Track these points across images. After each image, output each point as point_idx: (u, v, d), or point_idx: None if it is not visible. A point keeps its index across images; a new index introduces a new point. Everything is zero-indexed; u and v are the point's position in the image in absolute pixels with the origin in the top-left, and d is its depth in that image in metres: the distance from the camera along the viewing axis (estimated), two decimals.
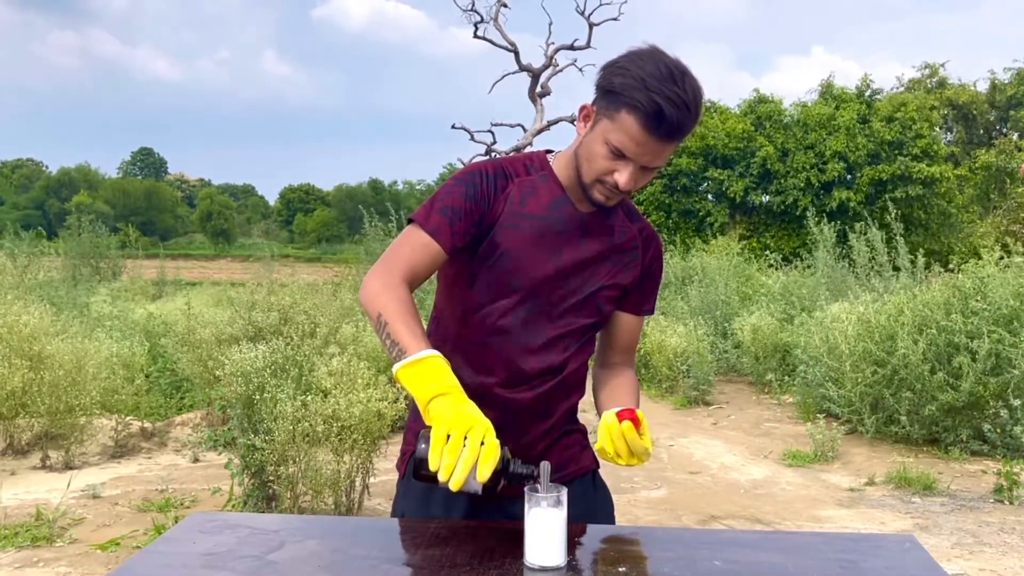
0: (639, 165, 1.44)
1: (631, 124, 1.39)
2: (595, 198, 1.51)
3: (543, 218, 1.54)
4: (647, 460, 1.49)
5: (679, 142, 1.46)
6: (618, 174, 1.44)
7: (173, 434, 6.33)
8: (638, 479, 5.34)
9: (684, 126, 1.40)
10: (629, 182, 1.45)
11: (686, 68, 1.41)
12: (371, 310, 1.40)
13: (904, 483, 5.05)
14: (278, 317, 6.11)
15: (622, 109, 1.40)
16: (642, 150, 1.41)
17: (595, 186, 1.49)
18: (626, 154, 1.42)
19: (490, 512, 1.59)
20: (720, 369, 9.09)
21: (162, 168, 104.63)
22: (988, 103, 28.54)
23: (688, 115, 1.39)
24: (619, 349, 1.69)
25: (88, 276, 15.42)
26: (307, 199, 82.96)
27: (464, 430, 1.23)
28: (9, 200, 77.06)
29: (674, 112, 1.37)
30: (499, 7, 18.82)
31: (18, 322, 5.56)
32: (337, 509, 4.11)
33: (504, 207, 1.53)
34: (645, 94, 1.36)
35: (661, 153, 1.43)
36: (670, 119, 1.37)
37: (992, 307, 5.73)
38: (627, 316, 1.67)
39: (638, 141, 1.40)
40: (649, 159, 1.43)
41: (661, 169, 1.85)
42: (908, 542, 1.42)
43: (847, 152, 21.75)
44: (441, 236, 1.47)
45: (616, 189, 1.46)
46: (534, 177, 1.57)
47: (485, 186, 1.53)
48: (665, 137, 1.40)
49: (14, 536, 3.98)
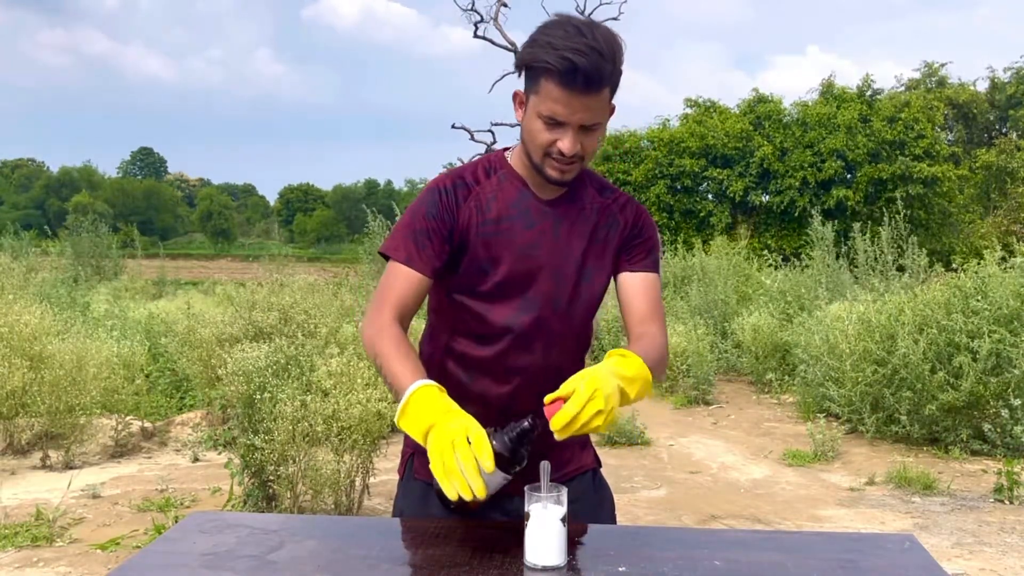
0: (576, 126, 1.43)
1: (552, 88, 1.40)
2: (551, 176, 1.49)
3: (511, 219, 1.54)
4: (608, 419, 1.30)
5: (606, 90, 1.43)
6: (560, 142, 1.44)
7: (173, 434, 6.33)
8: (638, 479, 5.34)
9: (601, 72, 1.38)
10: (573, 145, 1.44)
11: (593, 21, 1.42)
12: (371, 356, 1.48)
13: (904, 483, 5.05)
14: (278, 317, 6.11)
15: (540, 78, 1.41)
16: (571, 110, 1.41)
17: (546, 163, 1.48)
18: (559, 119, 1.42)
19: (490, 512, 1.59)
20: (720, 369, 9.08)
21: (162, 168, 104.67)
22: (988, 102, 28.51)
23: (602, 60, 1.38)
24: (636, 318, 1.58)
25: (88, 276, 15.41)
26: (306, 199, 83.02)
27: (451, 448, 1.24)
28: (9, 200, 77.09)
29: (585, 61, 1.36)
30: (499, 7, 18.81)
31: (19, 322, 5.56)
32: (337, 509, 4.11)
33: (472, 218, 1.54)
34: (554, 54, 1.37)
35: (592, 108, 1.42)
36: (583, 69, 1.36)
37: (993, 307, 5.73)
38: (627, 277, 1.61)
39: (564, 102, 1.40)
40: (582, 117, 1.42)
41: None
42: (908, 542, 1.42)
43: (846, 151, 21.74)
44: (415, 263, 1.50)
45: (563, 157, 1.45)
46: (494, 179, 1.58)
47: (446, 200, 1.54)
48: (585, 88, 1.39)
49: (14, 536, 3.98)
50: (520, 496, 1.31)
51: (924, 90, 27.27)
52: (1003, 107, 28.34)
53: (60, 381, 5.34)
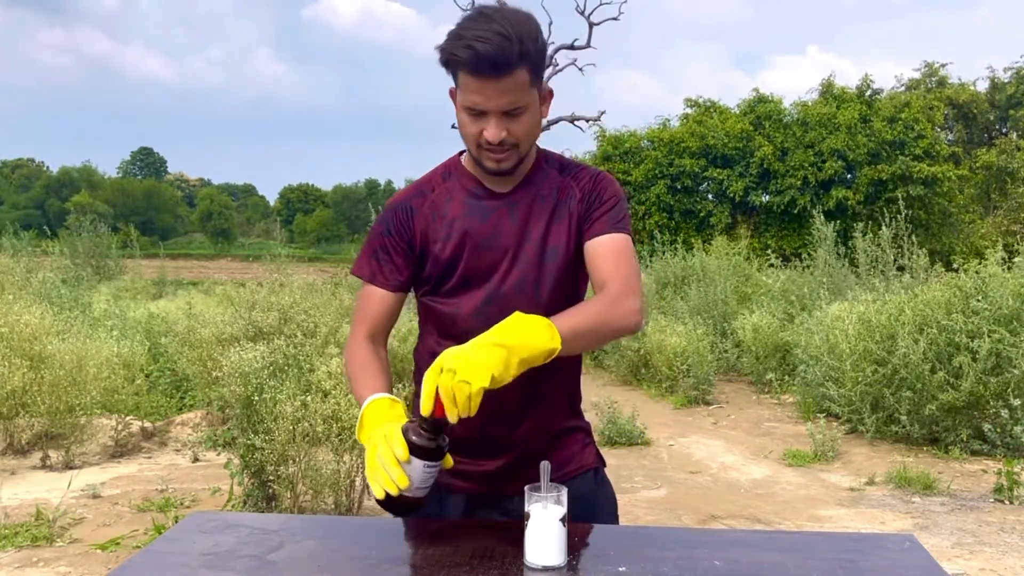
0: (497, 113, 1.43)
1: (466, 78, 1.41)
2: (489, 167, 1.50)
3: (465, 216, 1.56)
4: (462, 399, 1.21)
5: (520, 72, 1.40)
6: (485, 131, 1.44)
7: (173, 434, 6.33)
8: (638, 479, 5.34)
9: (507, 55, 1.37)
10: (497, 132, 1.44)
11: (503, 6, 1.42)
12: (345, 373, 1.54)
13: (904, 483, 5.05)
14: (278, 317, 6.11)
15: (457, 71, 1.42)
16: (486, 97, 1.41)
17: (481, 155, 1.48)
18: (479, 108, 1.43)
19: (489, 512, 1.59)
20: (720, 369, 9.08)
21: (162, 168, 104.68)
22: (988, 102, 28.51)
23: (507, 42, 1.37)
24: (598, 284, 1.52)
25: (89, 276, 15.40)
26: (306, 199, 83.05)
27: (374, 448, 1.31)
28: (9, 200, 77.09)
29: (487, 46, 1.36)
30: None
31: (19, 322, 5.56)
32: (337, 509, 4.11)
33: (428, 225, 1.57)
34: (460, 45, 1.38)
35: (509, 91, 1.41)
36: (488, 55, 1.36)
37: (993, 307, 5.73)
38: (589, 245, 1.53)
39: (478, 90, 1.41)
40: (499, 103, 1.41)
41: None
42: (908, 542, 1.42)
43: (846, 151, 21.74)
44: (378, 279, 1.59)
45: (492, 145, 1.45)
46: (449, 182, 1.60)
47: (400, 215, 1.58)
48: (494, 72, 1.38)
49: (14, 536, 3.98)
50: (520, 496, 1.31)
51: (924, 90, 27.28)
52: (1003, 107, 28.34)
53: (60, 381, 5.34)
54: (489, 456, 1.59)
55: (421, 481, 1.30)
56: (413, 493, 1.30)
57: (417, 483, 1.29)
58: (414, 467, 1.28)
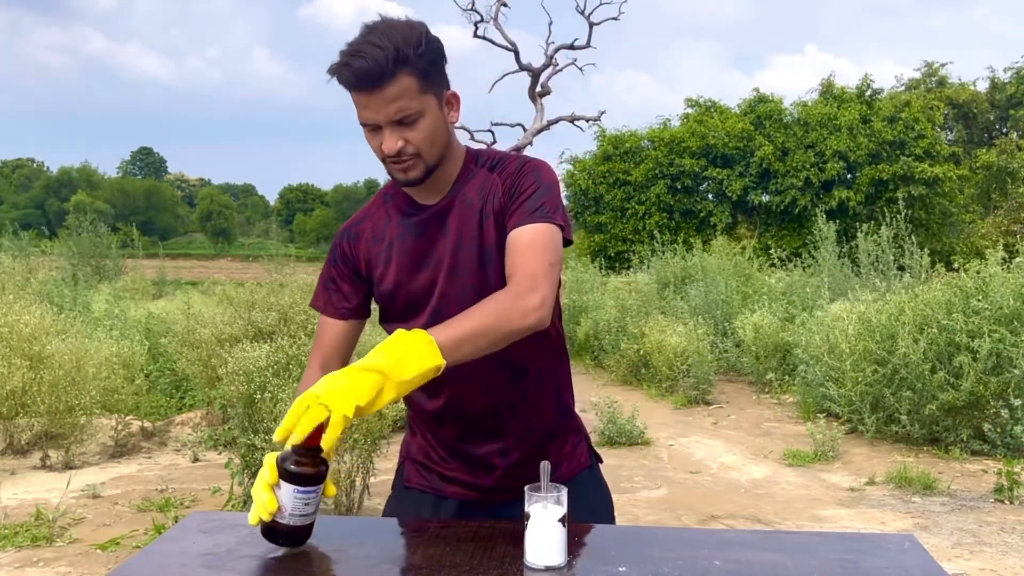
0: (389, 124, 1.41)
1: (353, 96, 1.41)
2: (398, 179, 1.48)
3: (401, 236, 1.54)
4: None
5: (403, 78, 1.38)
6: (382, 144, 1.43)
7: (173, 434, 6.33)
8: (638, 479, 5.34)
9: (379, 65, 1.35)
10: (390, 143, 1.42)
11: (379, 20, 1.41)
12: None
13: (904, 483, 5.05)
14: (277, 317, 6.11)
15: (348, 90, 1.41)
16: (372, 111, 1.40)
17: (388, 167, 1.47)
18: (370, 122, 1.42)
19: (487, 512, 1.58)
20: (720, 369, 9.08)
21: (162, 168, 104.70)
22: (988, 102, 28.50)
23: (379, 52, 1.35)
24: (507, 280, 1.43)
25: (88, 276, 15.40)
26: (306, 199, 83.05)
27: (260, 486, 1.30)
28: (9, 200, 77.10)
29: (360, 61, 1.35)
30: (499, 6, 18.81)
31: (18, 322, 5.56)
32: (337, 509, 4.11)
33: (369, 250, 1.56)
34: (339, 63, 1.38)
35: (389, 101, 1.38)
36: (359, 69, 1.36)
37: (993, 306, 5.73)
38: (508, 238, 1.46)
39: (363, 104, 1.40)
40: (387, 113, 1.39)
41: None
42: (908, 542, 1.42)
43: (848, 152, 21.74)
44: (328, 310, 1.61)
45: (392, 156, 1.43)
46: (387, 204, 1.59)
47: (345, 244, 1.59)
48: (370, 86, 1.37)
49: (14, 536, 3.98)
50: (512, 503, 1.31)
51: (924, 90, 27.27)
52: (1003, 107, 28.34)
53: (60, 381, 5.34)
54: (480, 468, 1.59)
55: (293, 507, 1.27)
56: (287, 520, 1.28)
57: (289, 509, 1.27)
58: (284, 492, 1.27)
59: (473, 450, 1.58)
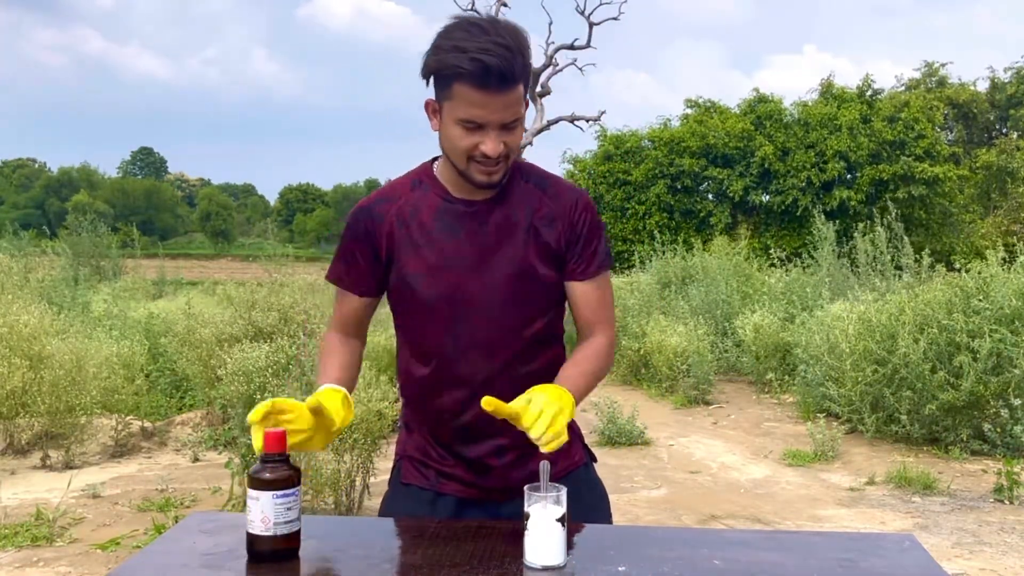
0: (496, 127, 1.41)
1: (467, 91, 1.38)
2: (478, 180, 1.47)
3: (433, 231, 1.52)
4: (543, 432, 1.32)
5: (520, 85, 1.41)
6: (483, 145, 1.42)
7: (173, 434, 6.33)
8: (638, 479, 5.34)
9: (513, 68, 1.37)
10: (496, 146, 1.42)
11: (493, 18, 1.42)
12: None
13: (904, 483, 5.05)
14: (277, 317, 6.11)
15: (453, 83, 1.39)
16: (489, 111, 1.39)
17: (471, 167, 1.45)
18: (478, 121, 1.40)
19: (480, 515, 1.58)
20: (720, 368, 9.08)
21: (162, 168, 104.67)
22: (988, 102, 28.48)
23: (511, 55, 1.36)
24: (583, 324, 1.59)
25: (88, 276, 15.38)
26: (306, 199, 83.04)
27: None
28: (9, 200, 77.08)
29: (496, 60, 1.35)
30: (499, 6, 18.81)
31: (18, 322, 5.56)
32: (337, 509, 4.11)
33: (394, 232, 1.54)
34: (464, 57, 1.36)
35: (508, 105, 1.40)
36: (496, 68, 1.35)
37: (994, 306, 5.73)
38: (575, 286, 1.57)
39: (481, 103, 1.38)
40: (501, 116, 1.40)
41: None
42: (908, 541, 1.42)
43: (848, 152, 21.73)
44: (343, 283, 1.61)
45: (488, 159, 1.43)
46: (417, 192, 1.56)
47: (366, 221, 1.56)
48: (501, 87, 1.38)
49: (14, 536, 3.98)
50: (510, 501, 1.31)
51: (924, 90, 27.26)
52: (1003, 107, 28.32)
53: (60, 381, 5.34)
54: (477, 467, 1.58)
55: (277, 515, 1.28)
56: (273, 531, 1.28)
57: (273, 518, 1.28)
58: (264, 503, 1.28)
59: (470, 450, 1.58)
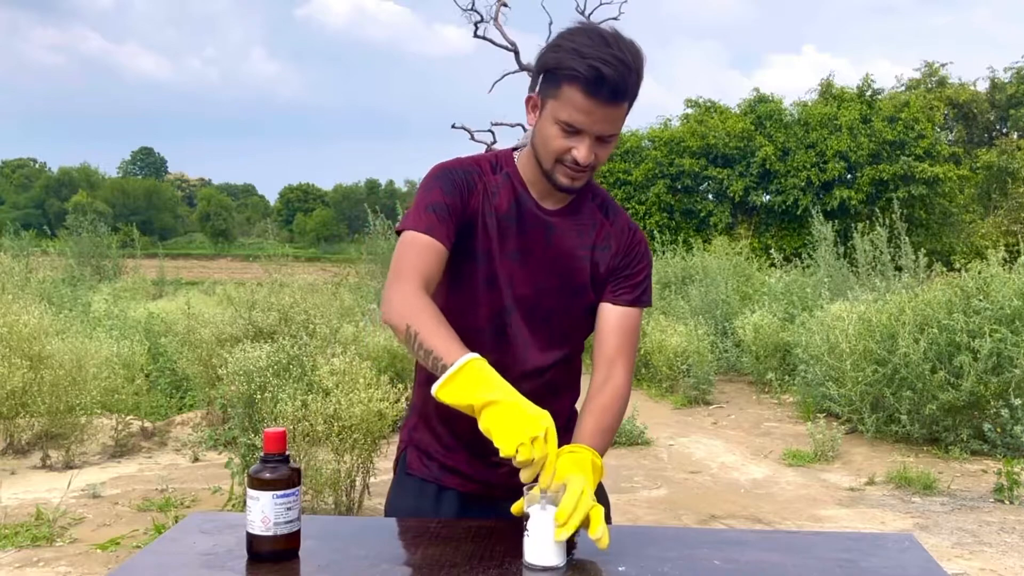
0: (594, 136, 1.41)
1: (575, 95, 1.38)
2: (560, 183, 1.47)
3: (505, 219, 1.52)
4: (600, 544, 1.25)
5: (627, 104, 1.42)
6: (575, 150, 1.42)
7: (173, 434, 6.33)
8: (638, 479, 5.34)
9: (627, 85, 1.38)
10: (588, 155, 1.41)
11: (618, 32, 1.41)
12: (398, 324, 1.34)
13: (904, 483, 5.05)
14: (278, 317, 6.11)
15: (563, 84, 1.38)
16: (592, 119, 1.39)
17: (556, 169, 1.45)
18: (577, 127, 1.40)
19: (486, 512, 1.58)
20: (720, 368, 9.08)
21: (162, 168, 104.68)
22: (988, 102, 28.48)
23: (628, 72, 1.37)
24: (605, 354, 1.55)
25: (88, 276, 15.39)
26: (306, 199, 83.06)
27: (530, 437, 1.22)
28: (9, 200, 77.10)
29: (612, 72, 1.35)
30: (499, 6, 18.81)
31: (18, 322, 5.56)
32: (337, 509, 4.11)
33: (479, 206, 1.52)
34: (581, 62, 1.35)
35: (612, 119, 1.41)
36: (610, 80, 1.35)
37: (994, 306, 5.73)
38: (608, 308, 1.56)
39: (586, 110, 1.38)
40: (601, 127, 1.40)
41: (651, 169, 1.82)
42: (908, 541, 1.42)
43: (848, 152, 21.73)
44: (436, 232, 1.43)
45: (577, 165, 1.43)
46: (498, 177, 1.55)
47: (460, 180, 1.51)
48: (610, 100, 1.38)
49: (14, 536, 3.98)
50: (514, 499, 1.31)
51: (924, 90, 27.24)
52: (1003, 107, 28.30)
53: (60, 381, 5.34)
54: (483, 463, 1.57)
55: (277, 515, 1.29)
56: (273, 531, 1.29)
57: (273, 518, 1.29)
58: (265, 503, 1.28)
59: (477, 443, 1.58)
